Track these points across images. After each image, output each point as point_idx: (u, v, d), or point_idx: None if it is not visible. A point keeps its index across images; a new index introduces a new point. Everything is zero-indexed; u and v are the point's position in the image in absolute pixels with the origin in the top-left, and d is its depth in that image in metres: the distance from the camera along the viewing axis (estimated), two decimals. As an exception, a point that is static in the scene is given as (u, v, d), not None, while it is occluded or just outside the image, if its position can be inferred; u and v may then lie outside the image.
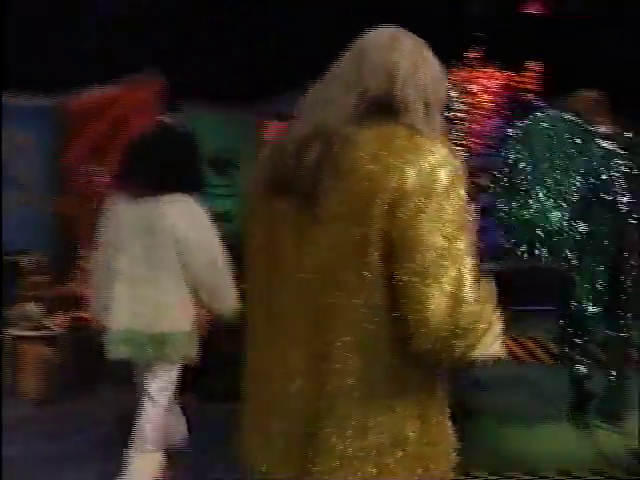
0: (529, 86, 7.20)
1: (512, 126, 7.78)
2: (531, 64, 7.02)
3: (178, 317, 2.99)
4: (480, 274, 1.37)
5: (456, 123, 7.50)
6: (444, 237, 1.32)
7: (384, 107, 1.42)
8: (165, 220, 2.92)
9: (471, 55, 7.04)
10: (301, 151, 1.42)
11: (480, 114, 7.32)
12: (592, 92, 4.57)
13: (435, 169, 1.35)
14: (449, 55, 7.04)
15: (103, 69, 5.97)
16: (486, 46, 6.98)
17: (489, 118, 7.40)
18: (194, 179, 3.12)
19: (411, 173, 1.33)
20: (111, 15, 6.26)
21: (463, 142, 7.38)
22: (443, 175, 1.35)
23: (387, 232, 1.33)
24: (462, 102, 7.26)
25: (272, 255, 1.50)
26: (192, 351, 3.05)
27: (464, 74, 7.06)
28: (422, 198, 1.33)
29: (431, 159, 1.35)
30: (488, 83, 7.15)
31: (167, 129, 3.32)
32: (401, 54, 1.46)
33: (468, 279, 1.33)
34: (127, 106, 6.09)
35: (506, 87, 7.26)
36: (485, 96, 7.27)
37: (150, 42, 6.33)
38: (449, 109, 7.53)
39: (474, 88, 7.12)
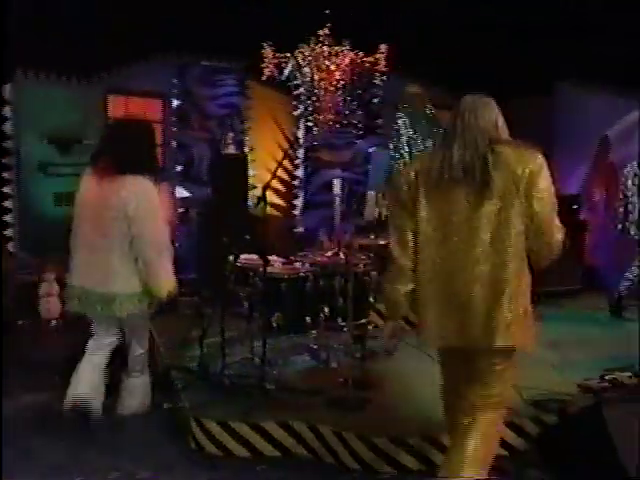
0: (378, 67, 7.34)
1: (360, 105, 8.13)
2: (381, 45, 7.14)
3: (123, 281, 3.61)
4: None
5: (306, 99, 7.57)
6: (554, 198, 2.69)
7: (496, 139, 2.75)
8: (120, 197, 3.53)
9: (323, 32, 7.05)
10: (466, 161, 2.68)
11: (330, 91, 7.38)
12: (414, 88, 6.02)
13: (538, 160, 2.68)
14: (302, 32, 7.12)
15: None
16: (338, 24, 7.04)
17: (338, 95, 7.49)
18: (150, 164, 3.71)
19: (530, 167, 2.64)
20: None
21: (313, 117, 7.46)
22: (541, 164, 2.67)
23: (527, 198, 2.63)
24: (313, 79, 7.29)
25: (446, 217, 2.70)
26: (136, 310, 3.67)
27: (317, 51, 7.06)
28: (538, 179, 2.64)
29: (536, 159, 2.68)
30: (338, 61, 7.20)
31: (130, 120, 4.09)
32: (494, 111, 2.84)
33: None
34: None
35: (356, 66, 7.36)
36: (336, 74, 7.33)
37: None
38: (300, 85, 7.60)
39: (325, 65, 7.15)
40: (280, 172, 8.56)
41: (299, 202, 8.57)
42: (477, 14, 7.39)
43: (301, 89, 7.78)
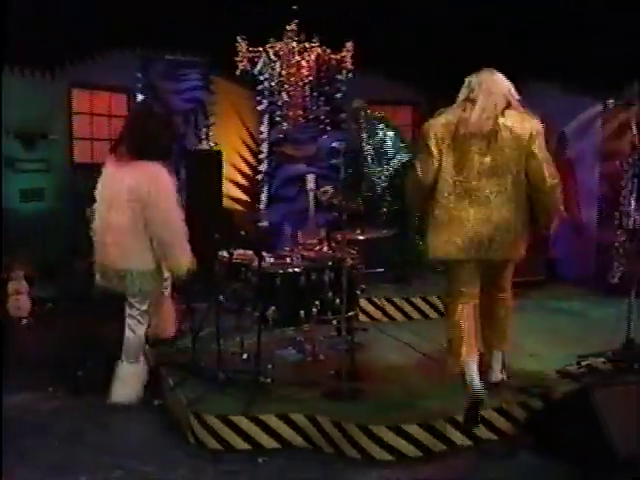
0: (344, 64, 7.43)
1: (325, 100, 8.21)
2: (348, 43, 7.23)
3: (137, 258, 3.94)
4: None
5: (273, 94, 7.60)
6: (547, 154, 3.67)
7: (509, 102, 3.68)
8: (135, 180, 3.86)
9: (290, 28, 7.10)
10: (482, 121, 3.58)
11: (299, 86, 7.43)
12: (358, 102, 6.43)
13: (536, 126, 3.65)
14: (269, 26, 7.14)
15: None
16: (305, 20, 7.11)
17: (304, 91, 7.55)
18: (164, 151, 4.04)
19: (534, 127, 3.63)
20: None
21: (283, 113, 7.51)
22: (539, 127, 3.65)
23: (528, 150, 3.59)
24: (281, 74, 7.33)
25: (462, 162, 3.62)
26: (148, 288, 4.00)
27: (284, 47, 7.10)
28: (539, 137, 3.62)
29: (535, 123, 3.66)
30: (307, 57, 7.26)
31: (148, 110, 4.61)
32: (506, 81, 3.74)
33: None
34: None
35: (323, 62, 7.43)
36: (303, 70, 7.38)
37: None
38: (266, 80, 7.63)
39: (294, 61, 7.20)
40: (244, 167, 8.62)
41: (263, 197, 8.61)
42: (441, 13, 7.58)
43: (265, 84, 7.85)
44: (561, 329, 5.41)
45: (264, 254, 4.09)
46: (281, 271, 4.00)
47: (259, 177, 8.58)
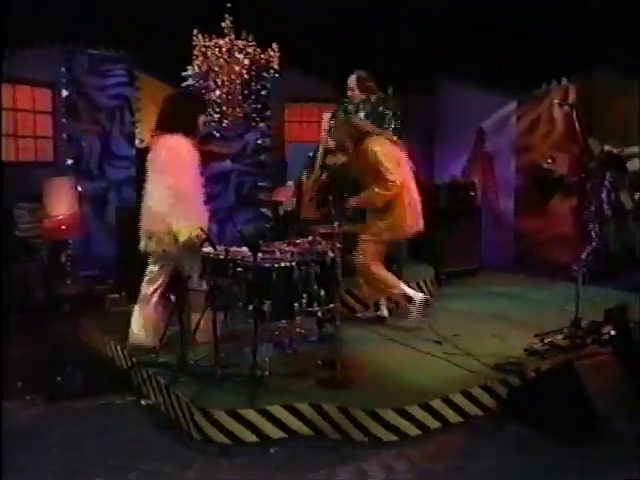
0: (271, 64, 7.52)
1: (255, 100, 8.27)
2: (274, 44, 7.33)
3: (159, 221, 4.37)
4: None
5: (206, 92, 7.55)
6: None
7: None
8: (156, 151, 4.50)
9: (225, 25, 7.10)
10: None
11: (234, 83, 7.44)
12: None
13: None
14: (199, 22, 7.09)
15: None
16: (237, 17, 7.14)
17: (239, 88, 7.57)
18: (190, 126, 4.57)
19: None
20: None
21: (219, 109, 7.48)
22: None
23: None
24: (215, 70, 7.32)
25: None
26: (172, 248, 4.40)
27: (220, 43, 7.10)
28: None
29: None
30: (240, 54, 7.29)
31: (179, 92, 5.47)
32: None
33: None
34: None
35: (254, 60, 7.48)
36: (237, 67, 7.41)
37: None
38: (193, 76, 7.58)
39: (229, 58, 7.21)
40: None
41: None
42: (367, 13, 7.82)
43: (190, 80, 7.78)
44: (509, 312, 5.79)
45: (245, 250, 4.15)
46: (268, 265, 4.07)
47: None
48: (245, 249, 4.15)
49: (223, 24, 7.11)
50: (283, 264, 4.09)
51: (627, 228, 7.38)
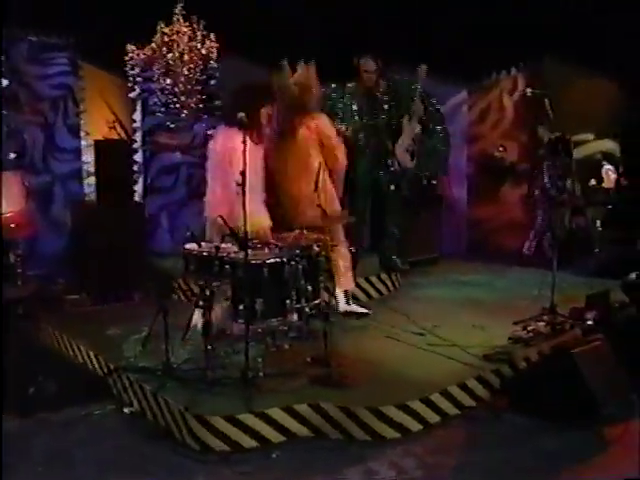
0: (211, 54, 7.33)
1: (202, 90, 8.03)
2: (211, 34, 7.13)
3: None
4: None
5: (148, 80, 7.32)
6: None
7: None
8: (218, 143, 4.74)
9: (177, 12, 6.85)
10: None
11: (183, 73, 7.21)
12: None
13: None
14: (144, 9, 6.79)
15: None
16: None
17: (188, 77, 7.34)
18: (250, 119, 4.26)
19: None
20: None
21: (173, 100, 7.24)
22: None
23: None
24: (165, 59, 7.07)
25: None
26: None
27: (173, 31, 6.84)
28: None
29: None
30: (191, 43, 7.06)
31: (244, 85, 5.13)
32: None
33: None
34: None
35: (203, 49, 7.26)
36: (185, 56, 7.17)
37: None
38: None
39: (181, 47, 6.98)
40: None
41: (139, 187, 8.19)
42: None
43: (136, 70, 7.48)
44: (479, 299, 5.82)
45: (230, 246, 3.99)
46: (268, 262, 3.92)
47: (134, 168, 8.14)
48: (230, 245, 3.98)
49: (176, 11, 6.84)
50: (273, 260, 3.94)
51: (573, 214, 7.58)
